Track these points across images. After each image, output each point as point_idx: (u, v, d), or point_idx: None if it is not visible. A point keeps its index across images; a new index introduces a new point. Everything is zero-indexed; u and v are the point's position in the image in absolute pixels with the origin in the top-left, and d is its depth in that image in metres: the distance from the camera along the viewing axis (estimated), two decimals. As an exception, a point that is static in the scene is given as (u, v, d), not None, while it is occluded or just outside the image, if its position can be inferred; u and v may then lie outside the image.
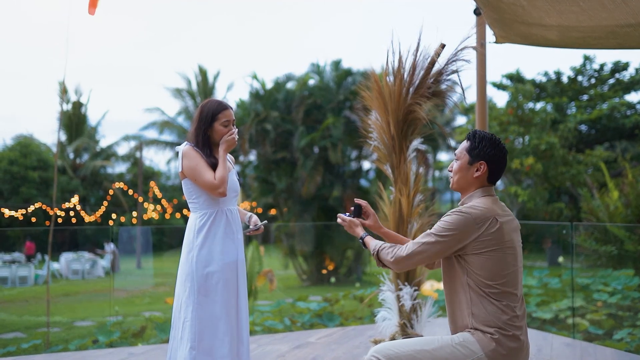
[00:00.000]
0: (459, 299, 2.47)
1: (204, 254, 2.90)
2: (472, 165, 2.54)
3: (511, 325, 2.40)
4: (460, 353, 2.40)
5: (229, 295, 2.92)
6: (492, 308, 2.40)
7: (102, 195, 26.88)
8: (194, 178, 2.90)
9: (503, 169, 2.58)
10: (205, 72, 30.58)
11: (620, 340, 6.57)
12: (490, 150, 2.52)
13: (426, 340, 2.48)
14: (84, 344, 7.46)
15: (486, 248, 2.39)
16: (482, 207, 2.45)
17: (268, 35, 47.66)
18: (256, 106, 24.74)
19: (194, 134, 2.99)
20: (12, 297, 14.07)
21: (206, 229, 2.92)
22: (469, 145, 2.56)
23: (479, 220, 2.39)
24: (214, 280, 2.89)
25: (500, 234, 2.42)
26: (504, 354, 2.39)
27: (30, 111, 47.88)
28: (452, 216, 2.42)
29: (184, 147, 2.96)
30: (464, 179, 2.57)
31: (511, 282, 2.44)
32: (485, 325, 2.40)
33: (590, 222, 11.97)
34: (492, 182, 2.59)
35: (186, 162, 2.91)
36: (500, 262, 2.40)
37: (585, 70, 22.14)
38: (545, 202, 18.90)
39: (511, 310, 2.41)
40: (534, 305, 8.69)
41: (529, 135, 18.30)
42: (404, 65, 4.08)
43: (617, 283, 8.99)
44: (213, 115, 2.96)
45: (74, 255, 18.40)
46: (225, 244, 2.94)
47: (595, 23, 3.57)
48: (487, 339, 2.38)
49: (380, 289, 4.47)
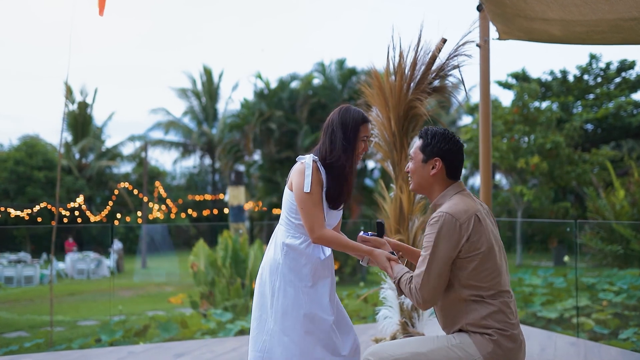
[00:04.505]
0: (452, 306, 2.39)
1: (289, 281, 2.59)
2: (427, 163, 2.47)
3: (509, 324, 2.33)
4: (456, 355, 2.33)
5: (312, 331, 2.59)
6: (488, 310, 2.32)
7: (108, 195, 26.92)
8: (300, 205, 2.56)
9: (460, 164, 2.50)
10: (210, 72, 30.62)
11: (626, 339, 6.51)
12: (444, 146, 2.45)
13: (422, 342, 2.42)
14: (87, 343, 7.46)
15: (476, 250, 2.31)
16: (460, 206, 2.36)
17: (272, 35, 47.66)
18: (260, 105, 24.76)
19: (332, 146, 2.60)
20: (17, 297, 14.11)
21: (298, 250, 2.61)
22: (422, 143, 2.50)
23: (463, 220, 2.31)
24: (294, 314, 2.58)
25: (486, 230, 2.36)
26: (502, 355, 2.32)
27: (36, 111, 48.04)
28: (435, 225, 2.32)
29: (309, 159, 2.59)
30: (422, 179, 2.50)
31: (503, 281, 2.37)
32: (482, 327, 2.32)
33: (595, 220, 11.91)
34: (453, 178, 2.50)
35: (298, 181, 2.56)
36: (490, 261, 2.34)
37: (591, 69, 22.01)
38: (550, 201, 18.81)
39: (507, 307, 2.35)
40: (539, 305, 8.63)
41: (534, 134, 18.21)
42: (404, 61, 4.04)
43: (622, 282, 8.93)
44: (357, 128, 2.61)
45: (79, 255, 18.42)
46: (315, 268, 2.63)
47: (599, 16, 3.52)
48: (485, 341, 2.31)
49: (382, 287, 4.43)
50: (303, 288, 2.59)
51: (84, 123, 28.06)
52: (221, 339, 5.64)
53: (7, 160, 24.53)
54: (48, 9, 47.46)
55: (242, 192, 15.62)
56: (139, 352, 4.86)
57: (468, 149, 20.47)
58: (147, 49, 50.07)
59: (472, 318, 2.34)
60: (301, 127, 23.67)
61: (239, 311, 8.96)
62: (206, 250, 10.02)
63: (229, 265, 9.88)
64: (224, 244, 10.13)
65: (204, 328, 7.98)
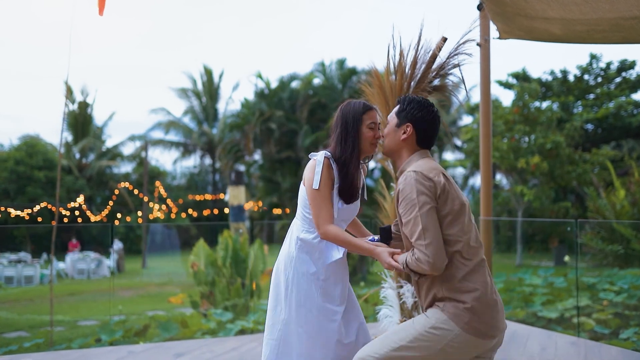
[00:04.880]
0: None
1: (301, 274, 2.62)
2: (400, 127, 2.52)
3: (484, 284, 2.34)
4: (436, 336, 2.32)
5: (324, 325, 2.62)
6: (463, 271, 2.33)
7: (108, 195, 26.92)
8: (309, 201, 2.60)
9: (433, 133, 2.54)
10: (210, 72, 30.62)
11: (626, 339, 6.49)
12: (417, 113, 2.49)
13: (400, 333, 2.40)
14: (87, 343, 7.44)
15: (450, 205, 2.34)
16: (427, 165, 2.41)
17: (272, 35, 47.64)
18: (261, 105, 24.76)
19: (340, 140, 2.63)
20: (17, 297, 14.10)
21: (312, 244, 2.64)
22: (398, 108, 2.56)
23: (432, 175, 2.35)
24: (308, 306, 2.61)
25: (452, 187, 2.40)
26: (480, 321, 2.31)
27: (36, 111, 48.04)
28: (408, 184, 2.34)
29: (320, 156, 2.61)
30: (392, 142, 2.55)
31: (475, 237, 2.40)
32: (458, 292, 2.32)
33: (595, 220, 11.90)
34: (423, 146, 2.54)
35: (309, 177, 2.59)
36: (462, 216, 2.36)
37: (592, 69, 22.00)
38: (551, 201, 18.80)
39: (481, 266, 2.37)
40: (539, 305, 8.62)
41: (534, 134, 18.20)
42: (405, 60, 4.02)
43: (623, 282, 8.92)
44: (358, 117, 2.63)
45: (79, 255, 18.41)
46: (328, 268, 2.65)
47: (599, 15, 3.51)
48: (460, 311, 2.31)
49: (382, 286, 4.43)
50: (316, 281, 2.62)
51: (84, 123, 28.07)
52: (221, 339, 5.63)
53: (8, 160, 24.53)
54: (48, 9, 47.46)
55: (242, 192, 15.61)
56: (138, 351, 4.85)
57: (468, 149, 20.48)
58: (147, 49, 50.08)
59: (448, 280, 2.34)
60: (301, 127, 23.66)
61: (239, 311, 8.95)
62: (206, 250, 10.01)
63: (229, 265, 9.87)
64: (224, 244, 10.11)
65: (204, 328, 7.97)
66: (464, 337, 2.32)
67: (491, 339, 2.39)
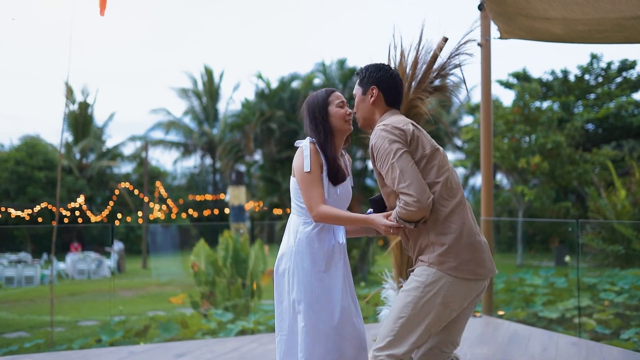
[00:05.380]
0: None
1: (301, 267, 2.64)
2: (366, 94, 2.62)
3: (466, 224, 2.43)
4: (433, 292, 2.40)
5: (322, 317, 2.64)
6: (444, 212, 2.41)
7: (108, 195, 26.91)
8: (300, 185, 2.65)
9: (398, 90, 2.63)
10: (211, 72, 30.60)
11: (627, 339, 6.49)
12: (376, 74, 2.61)
13: (402, 305, 2.45)
14: (88, 343, 7.44)
15: (422, 151, 2.43)
16: (394, 118, 2.52)
17: (273, 35, 47.64)
18: (261, 105, 24.74)
19: (311, 127, 2.71)
20: (18, 297, 14.10)
21: (312, 235, 2.67)
22: (359, 79, 2.67)
23: (401, 125, 2.44)
24: (306, 300, 2.63)
25: (422, 134, 2.50)
26: (465, 262, 2.40)
27: (36, 111, 48.02)
28: (380, 137, 2.43)
29: (306, 142, 2.69)
30: (364, 110, 2.64)
31: (451, 178, 2.48)
32: (441, 235, 2.40)
33: (597, 220, 11.89)
34: (392, 105, 2.63)
35: (298, 163, 2.65)
36: (436, 159, 2.45)
37: (593, 69, 21.98)
38: (552, 201, 18.79)
39: (462, 208, 2.45)
40: (540, 305, 8.61)
41: (535, 134, 18.19)
42: (406, 60, 4.02)
43: (624, 282, 8.91)
44: (324, 101, 2.71)
45: (79, 255, 18.41)
46: (331, 253, 2.68)
47: (601, 15, 3.50)
48: (444, 258, 2.40)
49: (383, 287, 4.42)
50: (316, 274, 2.64)
51: (85, 123, 28.06)
52: (222, 339, 5.62)
53: (8, 160, 24.53)
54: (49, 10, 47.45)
55: (242, 192, 15.61)
56: (139, 352, 4.84)
57: (469, 149, 20.47)
58: (148, 49, 50.07)
59: (432, 224, 2.42)
60: (302, 127, 23.64)
61: (240, 311, 8.95)
62: (207, 250, 10.00)
63: (230, 265, 9.86)
64: (224, 244, 10.11)
65: (204, 328, 7.96)
66: (455, 283, 2.40)
67: (481, 281, 2.47)
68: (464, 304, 2.47)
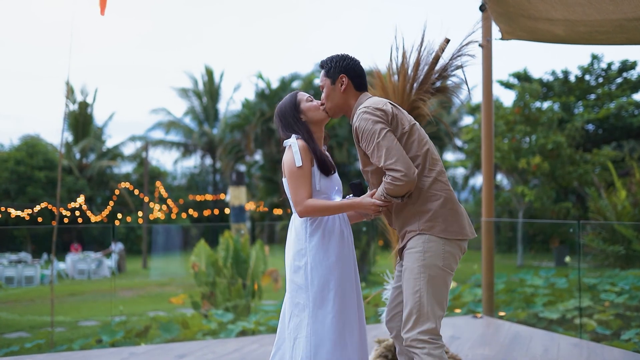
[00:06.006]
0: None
1: (320, 259, 2.65)
2: (335, 83, 2.72)
3: (446, 190, 2.57)
4: (433, 256, 2.52)
5: (347, 304, 2.68)
6: (427, 182, 2.56)
7: (109, 195, 26.90)
8: (288, 181, 2.68)
9: (363, 74, 2.76)
10: (211, 72, 30.58)
11: (628, 340, 6.48)
12: (342, 62, 2.72)
13: (413, 278, 2.55)
14: (88, 344, 7.43)
15: (402, 129, 2.56)
16: (373, 100, 2.63)
17: (273, 35, 47.64)
18: (262, 105, 24.73)
19: (292, 126, 2.76)
20: (18, 297, 14.09)
21: (321, 231, 2.69)
22: (324, 71, 2.77)
23: (381, 106, 2.56)
24: (331, 288, 2.64)
25: (400, 111, 2.63)
26: (450, 223, 2.54)
27: (36, 111, 48.00)
28: (363, 119, 2.54)
29: (293, 139, 2.72)
30: (335, 98, 2.74)
31: (432, 149, 2.62)
32: (427, 202, 2.55)
33: (597, 221, 11.89)
34: (361, 90, 2.75)
35: (288, 159, 2.68)
36: (414, 134, 2.58)
37: (593, 69, 21.97)
38: (552, 201, 18.77)
39: (442, 175, 2.60)
40: (541, 305, 8.60)
41: (535, 134, 18.18)
42: (407, 61, 4.01)
43: (624, 283, 8.89)
44: (292, 104, 2.78)
45: (80, 255, 18.40)
46: (341, 247, 2.71)
47: (603, 16, 3.50)
48: (432, 223, 2.53)
49: (384, 287, 4.41)
50: (330, 267, 2.67)
51: (85, 123, 28.04)
52: (223, 340, 5.62)
53: (8, 160, 24.51)
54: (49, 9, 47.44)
55: (243, 192, 15.58)
56: (140, 353, 4.84)
57: (469, 149, 20.45)
58: (148, 49, 50.06)
59: (417, 194, 2.56)
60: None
61: (240, 312, 8.94)
62: (207, 251, 9.99)
63: (230, 265, 9.86)
64: (225, 244, 10.10)
65: (205, 329, 7.95)
66: (448, 244, 2.54)
67: (464, 241, 2.62)
68: (456, 266, 2.61)
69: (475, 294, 8.79)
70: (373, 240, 16.35)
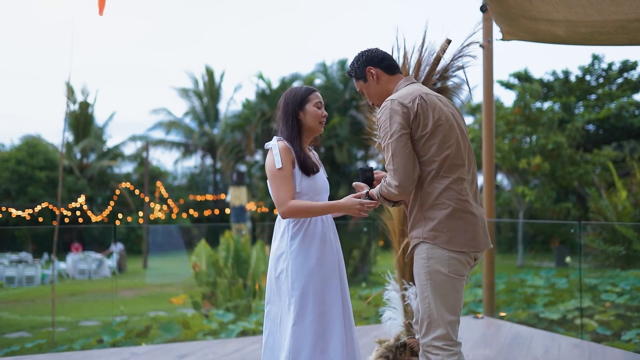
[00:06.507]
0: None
1: (299, 263, 2.63)
2: (367, 78, 2.67)
3: (460, 201, 2.45)
4: (437, 264, 2.45)
5: (328, 309, 2.65)
6: (439, 188, 2.45)
7: (109, 195, 26.92)
8: (270, 183, 2.64)
9: (388, 58, 2.69)
10: (212, 72, 30.59)
11: (628, 341, 6.48)
12: (361, 59, 2.69)
13: (421, 284, 2.51)
14: (89, 344, 7.43)
15: (425, 128, 2.44)
16: (405, 91, 2.53)
17: (274, 35, 47.67)
18: (262, 106, 24.73)
19: (283, 122, 2.72)
20: (19, 297, 14.09)
21: (301, 234, 2.65)
22: (353, 76, 2.74)
23: (407, 102, 2.44)
24: (311, 293, 2.61)
25: (429, 109, 2.46)
26: (456, 234, 2.45)
27: (37, 111, 48.06)
28: (384, 112, 2.47)
29: (274, 141, 2.68)
30: (377, 91, 2.68)
31: (456, 155, 2.48)
32: (432, 209, 2.46)
33: (598, 222, 11.89)
34: (394, 71, 2.68)
35: (269, 161, 2.64)
36: (436, 136, 2.45)
37: (594, 70, 21.98)
38: (552, 202, 18.78)
39: (457, 183, 2.47)
40: (541, 306, 8.61)
41: (536, 134, 18.18)
42: (408, 62, 4.01)
43: (625, 283, 8.90)
44: (303, 98, 2.72)
45: (80, 255, 18.40)
46: (323, 251, 2.67)
47: (604, 17, 3.50)
48: (437, 233, 2.44)
49: (386, 288, 4.41)
50: (310, 269, 2.64)
51: (85, 123, 28.06)
52: (223, 340, 5.62)
53: (9, 160, 24.53)
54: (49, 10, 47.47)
55: (243, 192, 15.59)
56: (141, 353, 4.84)
57: (470, 150, 20.44)
58: (148, 49, 50.10)
59: (424, 200, 2.48)
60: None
61: (241, 312, 8.95)
62: (208, 251, 10.00)
63: (231, 265, 9.86)
64: (225, 245, 10.11)
65: (205, 329, 7.96)
66: (453, 255, 2.45)
67: (473, 252, 2.51)
68: (466, 272, 2.54)
69: (475, 295, 8.79)
70: (374, 240, 16.36)
